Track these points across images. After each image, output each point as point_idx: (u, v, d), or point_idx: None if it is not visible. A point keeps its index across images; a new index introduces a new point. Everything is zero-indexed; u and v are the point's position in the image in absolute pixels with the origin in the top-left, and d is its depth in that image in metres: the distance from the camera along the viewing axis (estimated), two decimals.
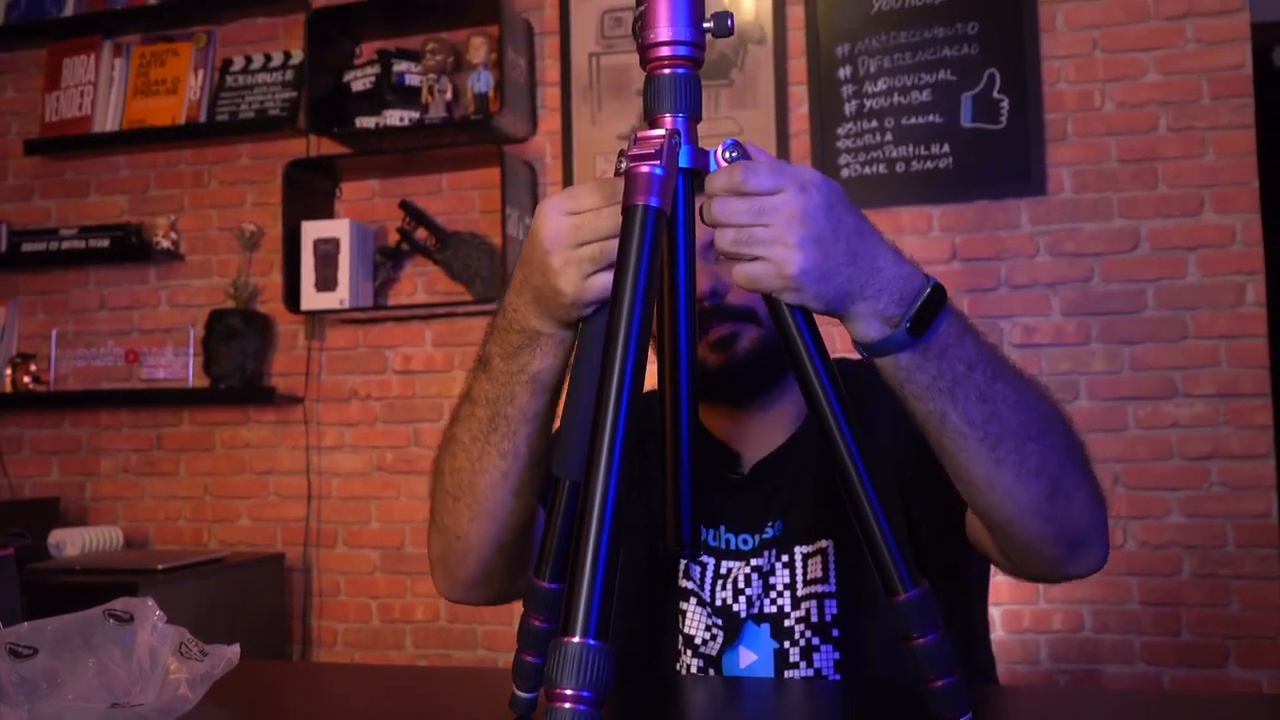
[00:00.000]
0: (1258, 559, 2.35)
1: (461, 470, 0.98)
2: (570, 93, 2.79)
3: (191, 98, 3.00)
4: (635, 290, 0.68)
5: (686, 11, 0.74)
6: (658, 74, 0.75)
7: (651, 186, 0.71)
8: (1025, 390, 0.87)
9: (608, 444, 0.64)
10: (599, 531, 0.62)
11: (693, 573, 1.16)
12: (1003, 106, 2.52)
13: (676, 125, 0.75)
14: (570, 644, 0.59)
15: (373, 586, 2.85)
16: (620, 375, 0.66)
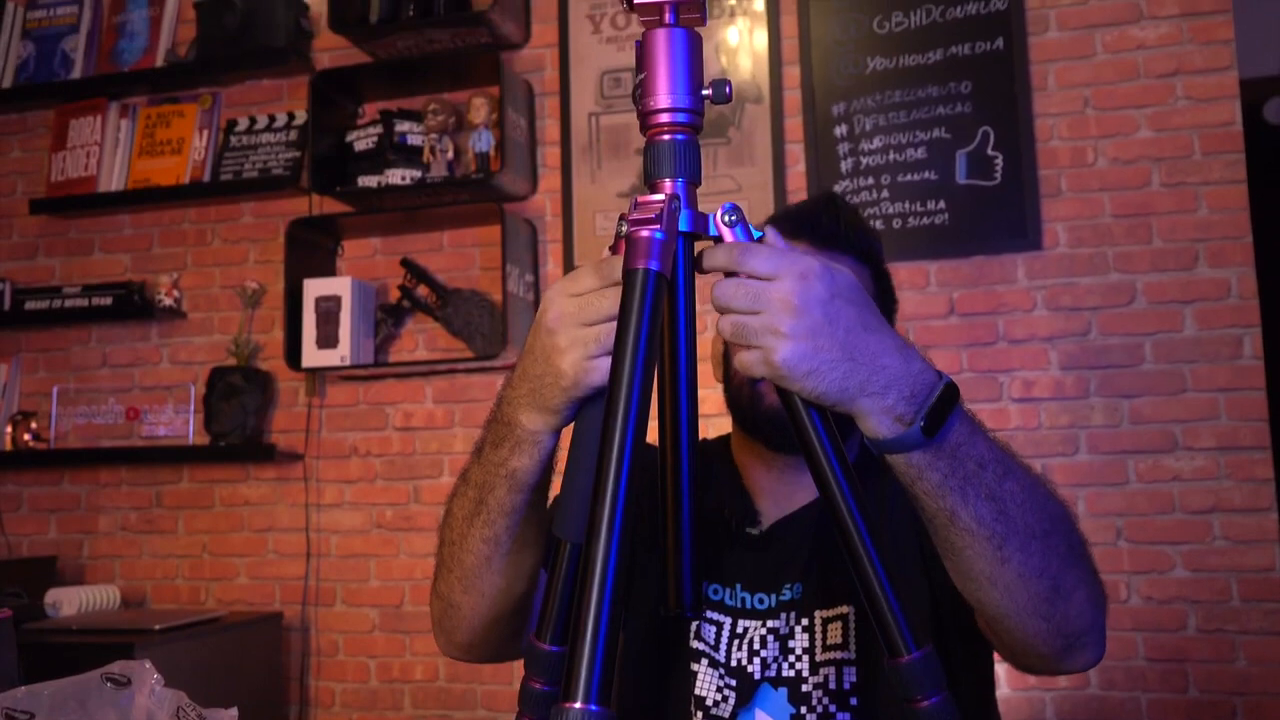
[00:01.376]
0: (1263, 614, 2.34)
1: (453, 544, 1.00)
2: (570, 152, 2.82)
3: (196, 157, 3.03)
4: (636, 352, 0.68)
5: (685, 80, 0.75)
6: (658, 140, 0.76)
7: (652, 250, 0.71)
8: (1033, 488, 0.87)
9: (609, 507, 0.64)
10: (600, 596, 0.61)
11: (705, 633, 1.16)
12: (997, 163, 2.55)
13: (676, 190, 0.76)
14: (571, 710, 0.58)
15: (371, 646, 2.82)
16: (621, 438, 0.66)
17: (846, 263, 1.17)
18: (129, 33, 3.12)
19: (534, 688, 0.86)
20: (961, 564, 0.87)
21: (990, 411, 2.51)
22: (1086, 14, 2.55)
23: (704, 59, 0.79)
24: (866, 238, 1.21)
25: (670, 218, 0.73)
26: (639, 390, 0.67)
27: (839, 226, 1.18)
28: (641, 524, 1.14)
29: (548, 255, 2.82)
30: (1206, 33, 2.47)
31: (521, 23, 2.87)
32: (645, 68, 0.75)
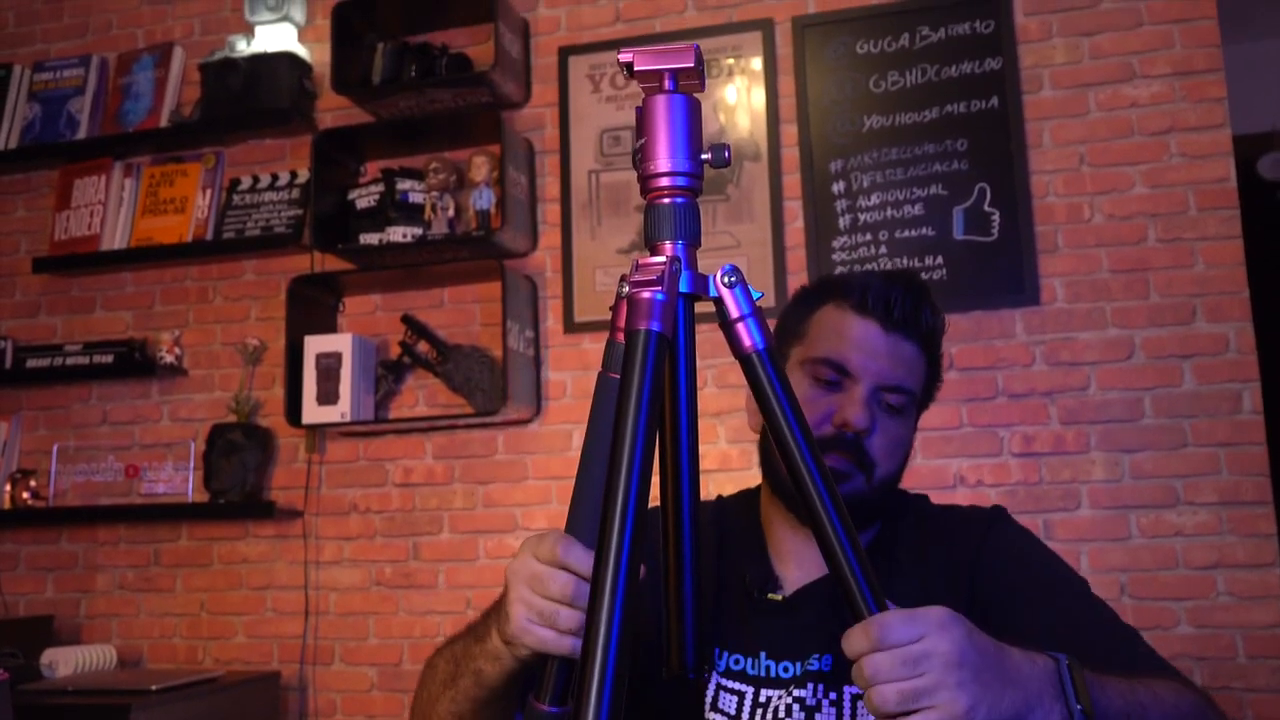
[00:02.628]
0: (1270, 670, 2.31)
1: (428, 699, 1.06)
2: (570, 209, 2.85)
3: (199, 216, 3.06)
4: (639, 413, 0.69)
5: (685, 144, 0.77)
6: (658, 203, 0.77)
7: (654, 311, 0.73)
8: (1166, 707, 0.90)
9: (612, 567, 0.64)
10: (604, 660, 0.61)
11: (723, 704, 1.13)
12: (994, 219, 2.57)
13: (676, 252, 0.77)
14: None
15: (370, 705, 2.79)
16: (625, 495, 0.67)
17: (909, 349, 1.18)
18: (134, 94, 3.16)
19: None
20: None
21: (991, 466, 2.51)
22: (1080, 73, 2.58)
23: (703, 117, 0.80)
24: (933, 321, 1.20)
25: (671, 279, 0.74)
26: (641, 449, 0.68)
27: (910, 311, 1.17)
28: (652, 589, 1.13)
29: (548, 311, 2.84)
30: (1199, 91, 2.50)
31: (522, 82, 2.91)
32: (645, 132, 0.77)
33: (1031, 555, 1.17)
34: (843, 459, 1.13)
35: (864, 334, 1.16)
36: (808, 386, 1.17)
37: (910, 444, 1.21)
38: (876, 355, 1.16)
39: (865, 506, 1.15)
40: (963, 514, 1.23)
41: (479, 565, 2.76)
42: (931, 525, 1.20)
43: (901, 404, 1.17)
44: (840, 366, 1.16)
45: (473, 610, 2.72)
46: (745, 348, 0.80)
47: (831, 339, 1.18)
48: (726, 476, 2.58)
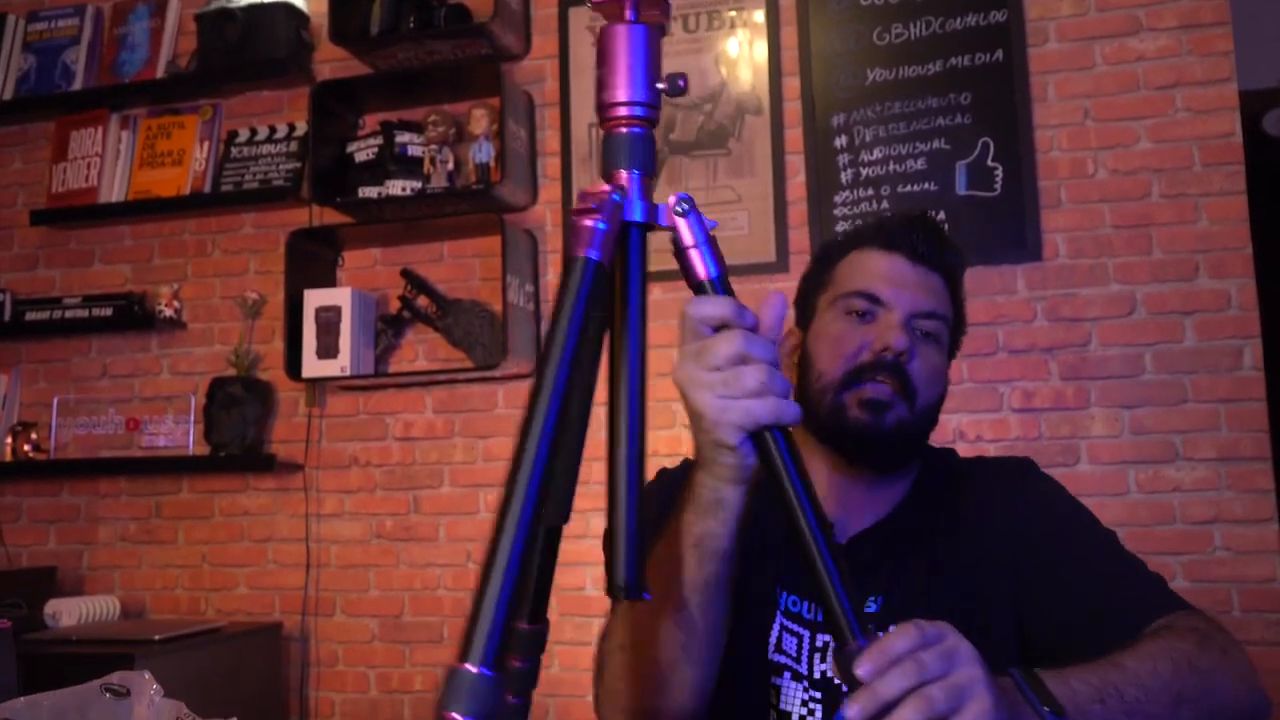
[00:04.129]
0: (1265, 624, 2.33)
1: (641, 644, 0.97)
2: (570, 162, 2.83)
3: (196, 169, 3.04)
4: (567, 336, 0.69)
5: (643, 73, 0.76)
6: (615, 132, 0.76)
7: (593, 239, 0.72)
8: (1142, 677, 0.90)
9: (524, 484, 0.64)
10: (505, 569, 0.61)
11: (786, 645, 1.14)
12: (997, 174, 2.55)
13: (632, 180, 0.76)
14: (464, 671, 0.59)
15: (371, 656, 2.82)
16: (543, 417, 0.66)
17: (936, 280, 1.19)
18: (130, 44, 3.13)
19: (513, 665, 0.88)
20: None
21: (990, 422, 2.51)
22: (1086, 26, 2.56)
23: (702, 68, 0.79)
24: (956, 259, 1.22)
25: (612, 208, 0.73)
26: (565, 371, 0.68)
27: (935, 246, 1.19)
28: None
29: (548, 265, 2.83)
30: (1205, 45, 2.48)
31: (522, 34, 2.88)
32: (604, 62, 0.76)
33: (1059, 503, 1.18)
34: (884, 385, 1.12)
35: (892, 266, 1.18)
36: (841, 321, 1.18)
37: (947, 378, 1.21)
38: (907, 284, 1.17)
39: (909, 437, 1.15)
40: (994, 466, 1.24)
41: (479, 518, 2.78)
42: (966, 479, 1.21)
43: (937, 330, 1.17)
44: (873, 297, 1.16)
45: (473, 564, 2.74)
46: (699, 276, 0.80)
47: (860, 275, 1.19)
48: None
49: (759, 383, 0.77)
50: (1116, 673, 0.89)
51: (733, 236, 2.69)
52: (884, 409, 1.12)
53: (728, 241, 2.67)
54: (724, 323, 0.80)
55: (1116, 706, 0.86)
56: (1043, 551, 1.11)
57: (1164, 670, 0.91)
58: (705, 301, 0.79)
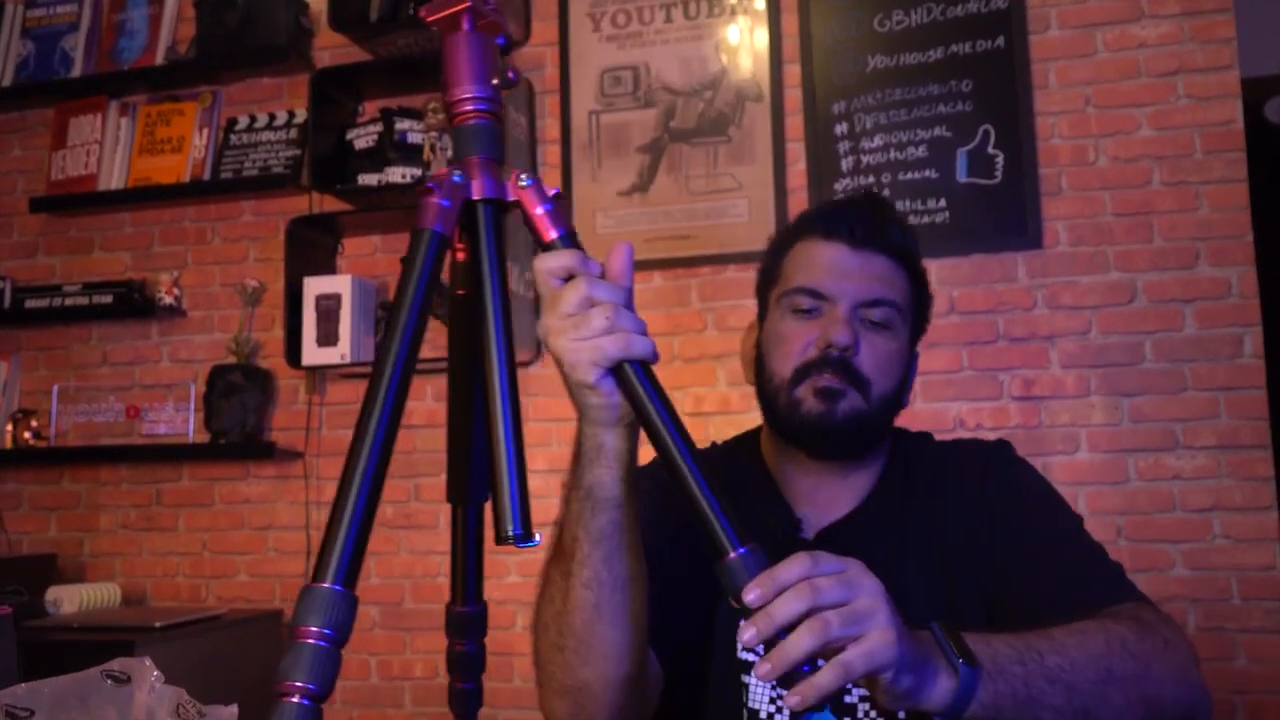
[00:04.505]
0: (1264, 612, 2.34)
1: (557, 619, 0.97)
2: (570, 150, 2.82)
3: (196, 156, 3.03)
4: (414, 304, 0.74)
5: (482, 73, 0.82)
6: (462, 125, 0.82)
7: (435, 215, 0.78)
8: (1069, 648, 0.89)
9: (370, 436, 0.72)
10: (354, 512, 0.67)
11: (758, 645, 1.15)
12: (997, 162, 2.55)
13: (479, 165, 0.82)
14: (319, 588, 0.64)
15: (372, 643, 2.82)
16: (390, 374, 0.72)
17: (880, 263, 1.17)
18: (129, 31, 3.12)
19: (457, 650, 0.93)
20: None
21: (990, 410, 2.52)
22: (1087, 12, 2.55)
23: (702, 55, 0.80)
24: (902, 236, 1.20)
25: (452, 187, 0.79)
26: (410, 336, 0.73)
27: (875, 227, 1.18)
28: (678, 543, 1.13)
29: None
30: (1207, 31, 2.47)
31: (521, 21, 2.87)
32: (447, 66, 0.83)
33: (1028, 486, 1.18)
34: (833, 378, 1.12)
35: (832, 256, 1.17)
36: (788, 320, 1.18)
37: (905, 362, 1.20)
38: (848, 274, 1.16)
39: (866, 425, 1.15)
40: (969, 448, 1.23)
41: None
42: (939, 461, 1.21)
43: (886, 318, 1.16)
44: (814, 292, 1.16)
45: None
46: (547, 238, 0.84)
47: (802, 269, 1.19)
48: (726, 420, 2.59)
49: (606, 320, 0.81)
50: (1043, 641, 0.88)
51: (733, 224, 2.69)
52: (836, 397, 1.12)
53: (729, 229, 2.68)
54: (570, 273, 0.83)
55: (1037, 671, 0.85)
56: (1010, 535, 1.11)
57: (1094, 646, 0.90)
58: (550, 255, 0.84)
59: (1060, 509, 1.16)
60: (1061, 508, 1.16)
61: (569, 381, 0.86)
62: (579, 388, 0.85)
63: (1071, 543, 1.12)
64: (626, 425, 0.88)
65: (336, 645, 0.63)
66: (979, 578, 1.12)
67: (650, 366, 0.82)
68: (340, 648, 0.63)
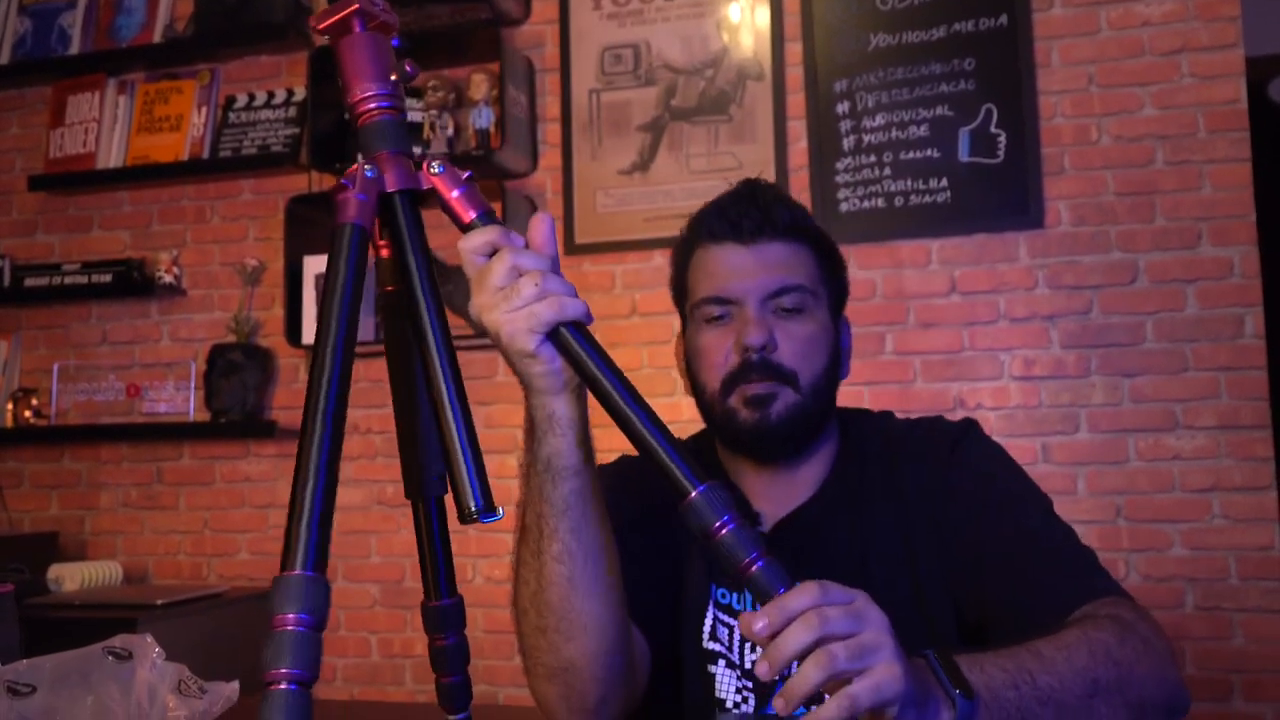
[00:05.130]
0: (1262, 592, 2.34)
1: (534, 603, 0.97)
2: (571, 128, 2.81)
3: (195, 134, 3.02)
4: (343, 297, 0.75)
5: (380, 70, 0.84)
6: (367, 123, 0.84)
7: (352, 209, 0.78)
8: (1058, 664, 0.89)
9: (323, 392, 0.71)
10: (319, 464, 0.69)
11: (720, 635, 1.15)
12: (1000, 141, 2.54)
13: (388, 159, 0.82)
14: (291, 576, 0.65)
15: (372, 621, 2.83)
16: (330, 365, 0.72)
17: (775, 250, 1.16)
18: (126, 8, 3.10)
19: (439, 645, 0.92)
20: None
21: (991, 390, 2.52)
22: None
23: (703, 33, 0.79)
24: (790, 214, 1.18)
25: (365, 182, 0.80)
26: (344, 331, 0.73)
27: (760, 216, 1.16)
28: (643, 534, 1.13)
29: None
30: (1212, 9, 2.45)
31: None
32: (344, 69, 0.85)
33: (997, 471, 1.15)
34: (759, 382, 1.11)
35: (726, 259, 1.16)
36: (703, 332, 1.17)
37: (829, 338, 1.18)
38: (747, 272, 1.15)
39: (805, 417, 1.13)
40: (931, 427, 1.21)
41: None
42: (900, 444, 1.19)
43: (796, 303, 1.14)
44: (719, 299, 1.15)
45: (474, 531, 2.75)
46: (465, 220, 0.85)
47: (703, 279, 1.18)
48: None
49: (536, 286, 0.82)
50: (1033, 660, 0.88)
51: None
52: (768, 402, 1.11)
53: None
54: (493, 248, 0.85)
55: (1029, 694, 0.85)
56: (980, 526, 1.10)
57: (1080, 660, 0.90)
58: (472, 235, 0.85)
59: (1031, 495, 1.14)
60: (1032, 493, 1.14)
61: (509, 354, 0.86)
62: (520, 358, 0.86)
63: (1043, 532, 1.09)
64: (573, 390, 0.89)
65: (315, 629, 0.64)
66: (947, 569, 1.11)
67: (586, 328, 0.83)
68: (319, 631, 0.64)
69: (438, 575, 0.92)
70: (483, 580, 2.73)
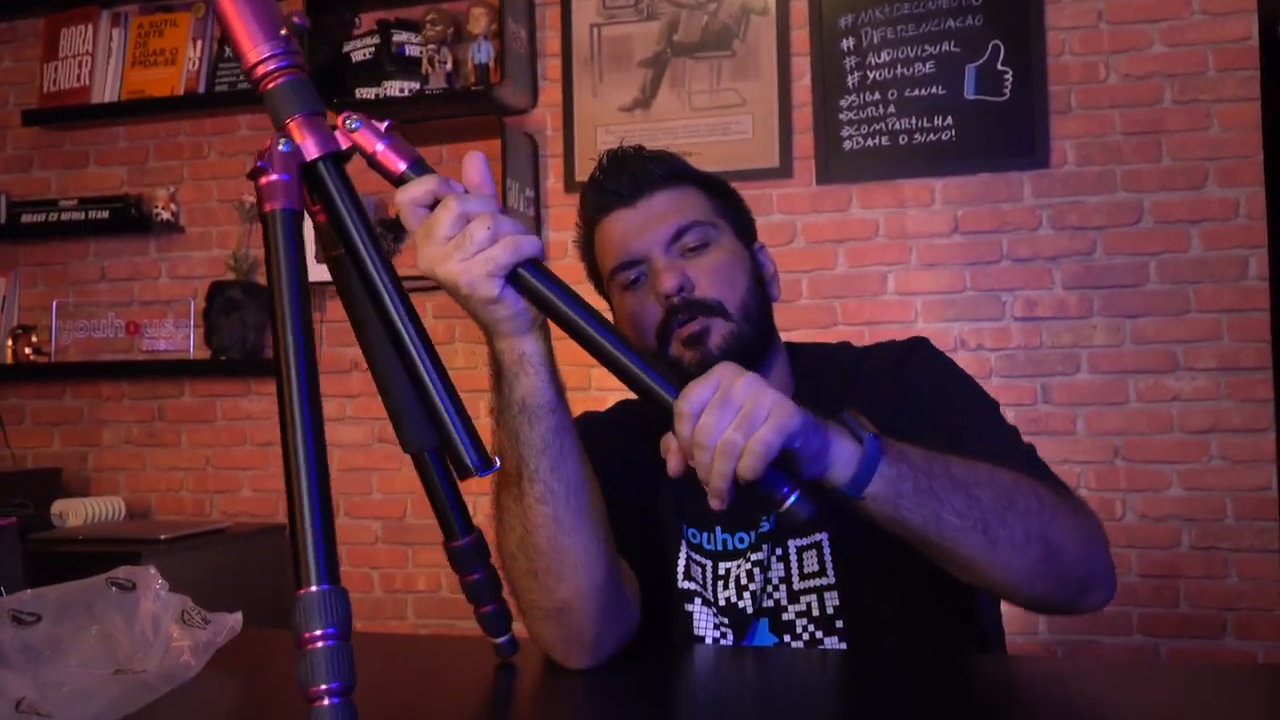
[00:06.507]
0: (1256, 532, 2.36)
1: (523, 549, 0.96)
2: (571, 64, 2.77)
3: (190, 68, 2.98)
4: (291, 287, 0.73)
5: (269, 27, 0.78)
6: (270, 88, 0.79)
7: (278, 192, 0.76)
8: (978, 467, 0.92)
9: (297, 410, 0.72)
10: (309, 489, 0.70)
11: (694, 574, 1.17)
12: (1006, 79, 2.51)
13: (301, 125, 0.79)
14: (309, 593, 0.65)
15: (374, 557, 2.86)
16: (295, 358, 0.73)
17: (659, 199, 1.17)
18: None
19: (470, 580, 0.98)
20: (960, 564, 0.92)
21: (992, 331, 2.51)
22: None
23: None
24: (662, 164, 1.19)
25: (283, 159, 0.77)
26: (300, 319, 0.72)
27: (632, 176, 1.17)
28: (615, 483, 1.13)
29: (548, 170, 2.79)
30: None
31: None
32: (230, 34, 0.79)
33: (941, 380, 1.17)
34: (689, 322, 1.12)
35: (617, 225, 1.18)
36: (625, 299, 1.18)
37: (744, 262, 1.19)
38: (638, 231, 1.16)
39: (745, 340, 1.13)
40: (881, 352, 1.22)
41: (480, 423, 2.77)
42: (853, 373, 1.19)
43: (700, 238, 1.15)
44: (626, 264, 1.16)
45: None
46: (396, 172, 0.83)
47: (605, 251, 1.20)
48: None
49: (487, 230, 0.81)
50: (953, 454, 0.91)
51: (736, 141, 2.65)
52: (704, 337, 1.11)
53: (731, 146, 2.64)
54: (434, 197, 0.83)
55: (942, 471, 0.88)
56: (929, 423, 1.10)
57: (1003, 477, 0.93)
58: (409, 186, 0.83)
59: (978, 395, 1.15)
60: (979, 394, 1.16)
61: (470, 303, 0.84)
62: (483, 305, 0.84)
63: (991, 426, 1.11)
64: (539, 327, 0.89)
65: (343, 639, 0.64)
66: None
67: (542, 263, 0.82)
68: (347, 640, 0.64)
69: (452, 518, 0.94)
70: (484, 518, 2.74)
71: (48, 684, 0.82)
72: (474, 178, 0.85)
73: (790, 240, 2.62)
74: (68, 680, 0.83)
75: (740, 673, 1.06)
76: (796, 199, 2.63)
